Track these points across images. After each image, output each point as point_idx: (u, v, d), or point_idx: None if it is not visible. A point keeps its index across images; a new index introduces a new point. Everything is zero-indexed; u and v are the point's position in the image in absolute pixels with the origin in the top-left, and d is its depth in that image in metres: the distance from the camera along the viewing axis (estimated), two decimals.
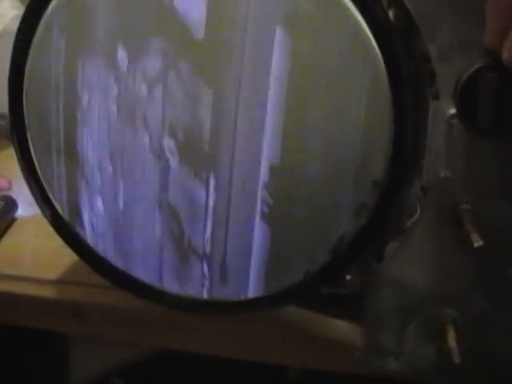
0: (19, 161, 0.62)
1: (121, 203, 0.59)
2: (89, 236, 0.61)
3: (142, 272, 0.61)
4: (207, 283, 0.59)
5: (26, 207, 0.75)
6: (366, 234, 0.55)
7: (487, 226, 0.54)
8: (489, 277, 0.56)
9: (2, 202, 0.79)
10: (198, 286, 0.59)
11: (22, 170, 0.63)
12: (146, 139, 0.56)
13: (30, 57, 0.59)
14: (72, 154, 0.59)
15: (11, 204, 0.80)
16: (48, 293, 0.69)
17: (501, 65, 0.48)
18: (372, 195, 0.53)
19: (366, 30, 0.51)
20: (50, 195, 0.62)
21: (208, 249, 0.57)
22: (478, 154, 0.53)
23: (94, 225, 0.61)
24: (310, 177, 0.53)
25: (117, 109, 0.56)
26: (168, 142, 0.56)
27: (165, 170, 0.56)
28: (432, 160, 0.54)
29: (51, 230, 0.63)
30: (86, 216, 0.61)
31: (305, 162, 0.53)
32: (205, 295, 0.59)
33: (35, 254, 0.72)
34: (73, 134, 0.58)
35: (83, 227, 0.61)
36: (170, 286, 0.60)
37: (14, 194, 0.81)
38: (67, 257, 0.70)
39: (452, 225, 0.55)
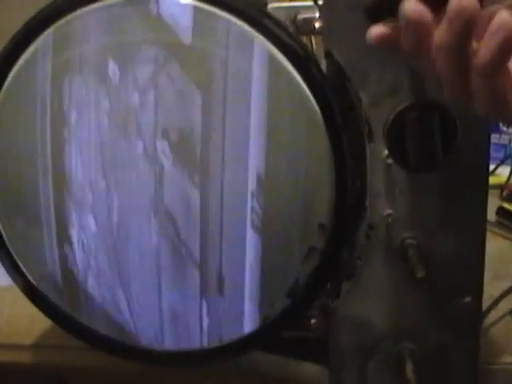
0: None
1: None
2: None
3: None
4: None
5: (2, 277, 0.77)
6: (319, 276, 0.57)
7: (432, 257, 0.56)
8: (441, 307, 0.58)
9: None
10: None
11: None
12: (140, 147, 0.57)
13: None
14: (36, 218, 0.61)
15: None
16: (27, 358, 0.71)
17: (424, 103, 0.51)
18: (320, 238, 0.56)
19: (302, 84, 0.54)
20: (21, 265, 0.64)
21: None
22: (416, 189, 0.56)
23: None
24: (260, 220, 0.56)
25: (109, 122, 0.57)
26: (162, 146, 0.57)
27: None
28: (374, 200, 0.56)
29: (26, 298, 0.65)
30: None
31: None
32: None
33: (11, 321, 0.74)
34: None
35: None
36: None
37: None
38: (43, 322, 0.72)
39: (400, 260, 0.57)
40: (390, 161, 0.55)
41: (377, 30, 0.42)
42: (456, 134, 0.54)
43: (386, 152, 0.55)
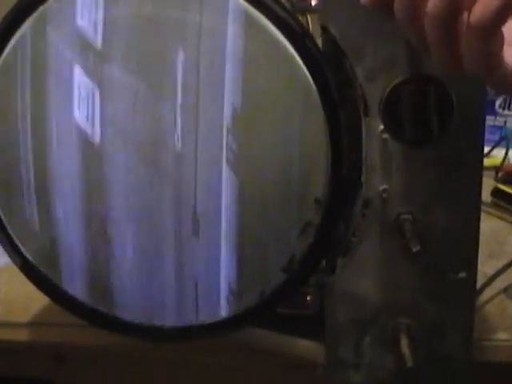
0: None
1: None
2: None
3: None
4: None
5: None
6: (315, 251, 0.57)
7: (427, 232, 0.57)
8: (436, 282, 0.59)
9: None
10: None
11: None
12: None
13: None
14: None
15: None
16: (24, 336, 0.71)
17: (420, 77, 0.51)
18: (316, 213, 0.56)
19: (298, 60, 0.54)
20: (18, 243, 0.64)
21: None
22: (412, 165, 0.56)
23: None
24: (253, 196, 0.56)
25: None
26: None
27: None
28: (370, 175, 0.57)
29: (23, 277, 0.65)
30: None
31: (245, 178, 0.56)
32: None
33: (8, 300, 0.74)
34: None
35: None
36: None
37: None
38: (40, 301, 0.72)
39: (395, 235, 0.57)
40: (385, 136, 0.55)
41: None
42: (452, 109, 0.54)
43: (382, 127, 0.55)
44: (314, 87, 0.55)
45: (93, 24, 0.56)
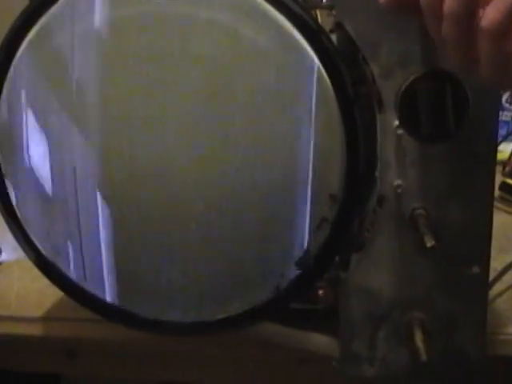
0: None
1: None
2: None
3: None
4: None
5: (10, 252, 0.77)
6: (330, 246, 0.58)
7: (441, 227, 0.57)
8: (450, 277, 0.59)
9: None
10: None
11: (3, 214, 0.65)
12: None
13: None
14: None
15: None
16: (37, 330, 0.72)
17: (436, 73, 0.52)
18: (331, 209, 0.56)
19: (313, 56, 0.55)
20: (33, 237, 0.64)
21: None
22: (426, 160, 0.56)
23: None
24: (268, 192, 0.56)
25: None
26: None
27: None
28: (384, 171, 0.57)
29: (35, 272, 0.65)
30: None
31: (260, 176, 0.56)
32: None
33: (21, 295, 0.75)
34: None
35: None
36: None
37: None
38: (52, 296, 0.72)
39: (409, 230, 0.58)
40: (400, 131, 0.56)
41: None
42: (467, 105, 0.54)
43: (397, 123, 0.56)
44: (329, 84, 0.55)
45: None
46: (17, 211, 0.64)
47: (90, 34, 0.56)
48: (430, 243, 0.54)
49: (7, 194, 0.64)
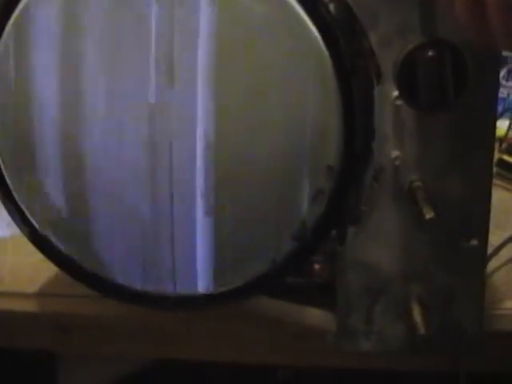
0: None
1: None
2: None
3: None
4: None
5: (4, 228, 0.77)
6: (327, 219, 0.57)
7: (439, 200, 0.56)
8: (448, 250, 0.58)
9: None
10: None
11: None
12: None
13: None
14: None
15: None
16: (30, 306, 0.71)
17: (435, 42, 0.51)
18: (328, 180, 0.56)
19: (310, 26, 0.54)
20: (26, 212, 0.64)
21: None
22: (425, 132, 0.56)
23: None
24: (264, 164, 0.56)
25: None
26: None
27: None
28: (382, 143, 0.56)
29: (29, 248, 0.64)
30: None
31: (256, 148, 0.56)
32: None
33: (15, 270, 0.74)
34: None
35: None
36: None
37: None
38: (46, 271, 0.72)
39: (407, 203, 0.57)
40: (399, 102, 0.55)
41: None
42: (467, 74, 0.53)
43: (395, 93, 0.55)
44: (326, 54, 0.54)
45: None
46: (9, 185, 0.63)
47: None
48: (428, 215, 0.53)
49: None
